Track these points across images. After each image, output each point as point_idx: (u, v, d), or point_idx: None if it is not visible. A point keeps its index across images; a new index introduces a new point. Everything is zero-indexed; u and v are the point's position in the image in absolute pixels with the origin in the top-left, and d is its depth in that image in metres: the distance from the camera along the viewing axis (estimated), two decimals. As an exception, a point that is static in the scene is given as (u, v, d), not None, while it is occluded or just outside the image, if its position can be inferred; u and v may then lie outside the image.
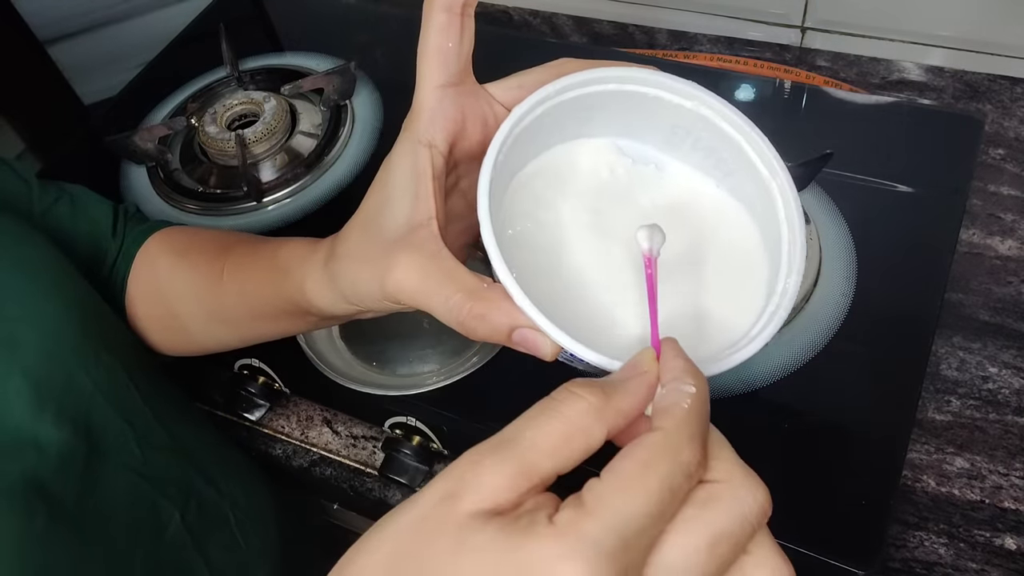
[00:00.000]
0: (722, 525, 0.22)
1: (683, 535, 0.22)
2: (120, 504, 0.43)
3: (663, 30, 0.86)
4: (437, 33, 0.32)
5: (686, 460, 0.23)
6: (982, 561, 0.49)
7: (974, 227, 0.64)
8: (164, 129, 0.76)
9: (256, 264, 0.46)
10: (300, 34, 0.87)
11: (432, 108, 0.32)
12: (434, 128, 0.31)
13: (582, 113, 0.31)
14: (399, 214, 0.32)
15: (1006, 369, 0.56)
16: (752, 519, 0.23)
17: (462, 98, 0.32)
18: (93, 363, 0.44)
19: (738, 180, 0.31)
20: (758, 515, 0.23)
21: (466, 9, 0.32)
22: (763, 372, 0.53)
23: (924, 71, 0.77)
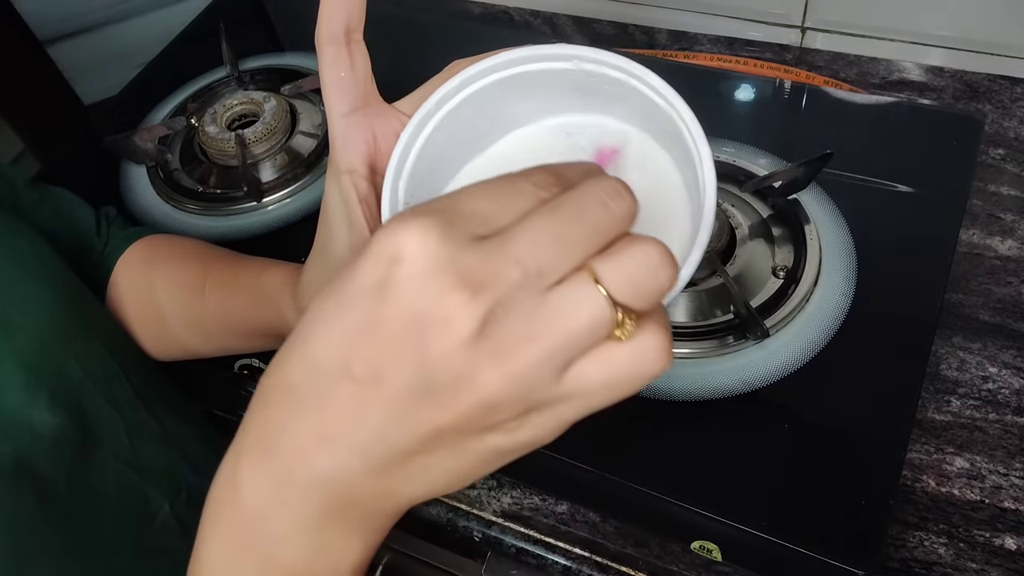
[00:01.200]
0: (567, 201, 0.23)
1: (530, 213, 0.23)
2: (109, 492, 0.44)
3: (663, 30, 0.86)
4: (329, 66, 0.33)
5: (537, 178, 0.24)
6: (982, 561, 0.49)
7: (974, 227, 0.64)
8: (164, 129, 0.76)
9: (238, 284, 0.48)
10: (300, 34, 0.87)
11: (342, 137, 0.33)
12: (349, 155, 0.33)
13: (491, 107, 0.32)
14: (340, 242, 0.34)
15: (1006, 369, 0.56)
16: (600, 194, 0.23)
17: (370, 120, 0.33)
18: (83, 351, 0.45)
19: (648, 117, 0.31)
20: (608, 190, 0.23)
21: (352, 36, 0.33)
22: (763, 372, 0.53)
23: (924, 71, 0.77)
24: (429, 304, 0.21)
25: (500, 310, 0.21)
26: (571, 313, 0.21)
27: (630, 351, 0.22)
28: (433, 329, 0.21)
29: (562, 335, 0.22)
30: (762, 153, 0.66)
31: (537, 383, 0.22)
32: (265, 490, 0.25)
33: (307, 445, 0.24)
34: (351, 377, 0.22)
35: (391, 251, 0.22)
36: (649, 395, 0.53)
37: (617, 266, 0.22)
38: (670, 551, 0.53)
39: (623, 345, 0.22)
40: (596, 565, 0.53)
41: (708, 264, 0.57)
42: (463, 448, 0.24)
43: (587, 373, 0.22)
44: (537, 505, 0.55)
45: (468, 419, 0.22)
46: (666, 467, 0.50)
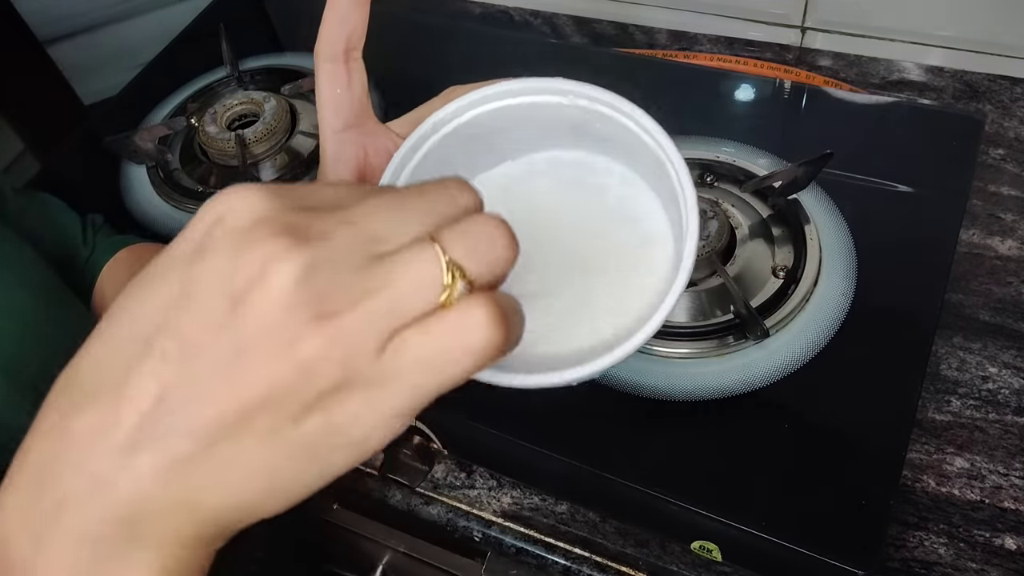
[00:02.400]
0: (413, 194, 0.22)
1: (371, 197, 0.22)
2: None
3: (663, 30, 0.86)
4: (326, 83, 0.32)
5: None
6: (982, 561, 0.49)
7: (974, 227, 0.64)
8: (164, 129, 0.76)
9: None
10: (300, 34, 0.87)
11: (334, 153, 0.32)
12: (339, 170, 0.32)
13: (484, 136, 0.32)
14: None
15: (1006, 369, 0.56)
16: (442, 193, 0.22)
17: (363, 138, 0.33)
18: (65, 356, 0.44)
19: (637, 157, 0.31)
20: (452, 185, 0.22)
21: (351, 55, 0.33)
22: (763, 372, 0.53)
23: (924, 71, 0.77)
24: (245, 256, 0.19)
25: (325, 263, 0.19)
26: (401, 268, 0.20)
27: (453, 317, 0.20)
28: (247, 283, 0.19)
29: (388, 291, 0.20)
30: (762, 153, 0.66)
31: (359, 347, 0.19)
32: (33, 527, 0.20)
33: (85, 453, 0.20)
34: (151, 354, 0.20)
35: (214, 213, 0.20)
36: (649, 395, 0.53)
37: (455, 232, 0.21)
38: (670, 551, 0.53)
39: (447, 311, 0.20)
40: (596, 565, 0.53)
41: (708, 264, 0.57)
42: (276, 436, 0.20)
43: (408, 344, 0.20)
44: (537, 505, 0.55)
45: (281, 388, 0.19)
46: (666, 467, 0.50)
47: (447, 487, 0.58)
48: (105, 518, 0.20)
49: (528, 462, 0.53)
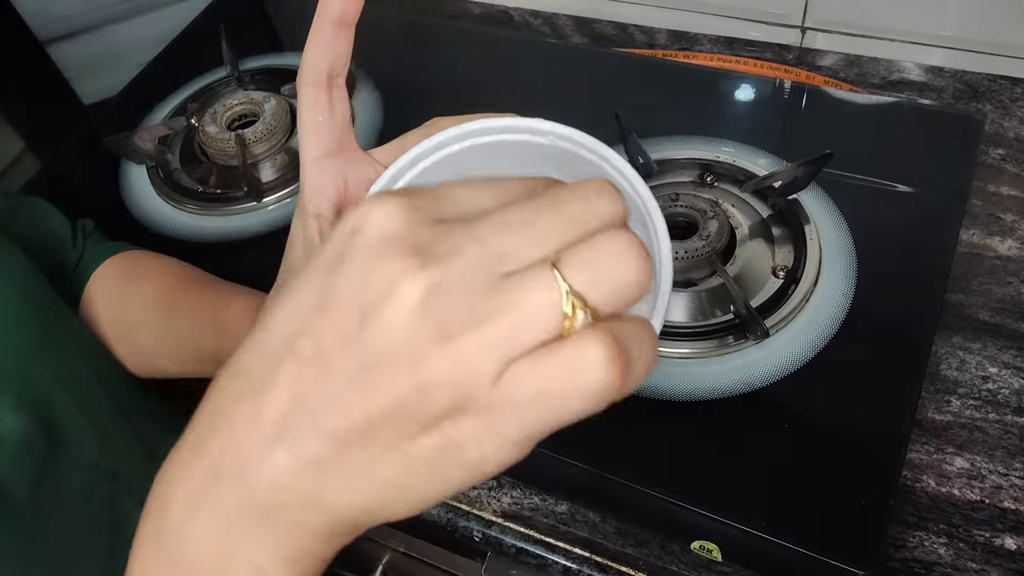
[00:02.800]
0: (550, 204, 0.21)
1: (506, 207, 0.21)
2: (76, 498, 0.43)
3: (663, 30, 0.86)
4: (308, 109, 0.32)
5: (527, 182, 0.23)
6: (982, 561, 0.49)
7: (974, 227, 0.64)
8: (164, 129, 0.76)
9: (205, 311, 0.49)
10: (300, 34, 0.87)
11: (313, 180, 0.33)
12: (318, 199, 0.33)
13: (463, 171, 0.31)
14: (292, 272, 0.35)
15: (1006, 369, 0.56)
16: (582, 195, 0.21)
17: (343, 166, 0.33)
18: (54, 358, 0.45)
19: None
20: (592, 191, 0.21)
21: (334, 81, 0.32)
22: (763, 372, 0.53)
23: (924, 71, 0.77)
24: (376, 272, 0.20)
25: (449, 284, 0.20)
26: (520, 297, 0.20)
27: (568, 352, 0.20)
28: (377, 298, 0.20)
29: (506, 319, 0.20)
30: (762, 153, 0.66)
31: (477, 371, 0.20)
32: (188, 487, 0.23)
33: (238, 436, 0.22)
34: (294, 355, 0.21)
35: (353, 224, 0.21)
36: (649, 395, 0.53)
37: (582, 255, 0.20)
38: (670, 551, 0.53)
39: (562, 344, 0.20)
40: (596, 565, 0.53)
41: (708, 264, 0.57)
42: (396, 450, 0.21)
43: (522, 374, 0.20)
44: (537, 505, 0.55)
45: (400, 406, 0.20)
46: (666, 467, 0.50)
47: (447, 487, 0.58)
48: (244, 498, 0.22)
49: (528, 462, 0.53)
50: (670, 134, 0.68)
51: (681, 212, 0.60)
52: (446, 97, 0.79)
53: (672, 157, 0.66)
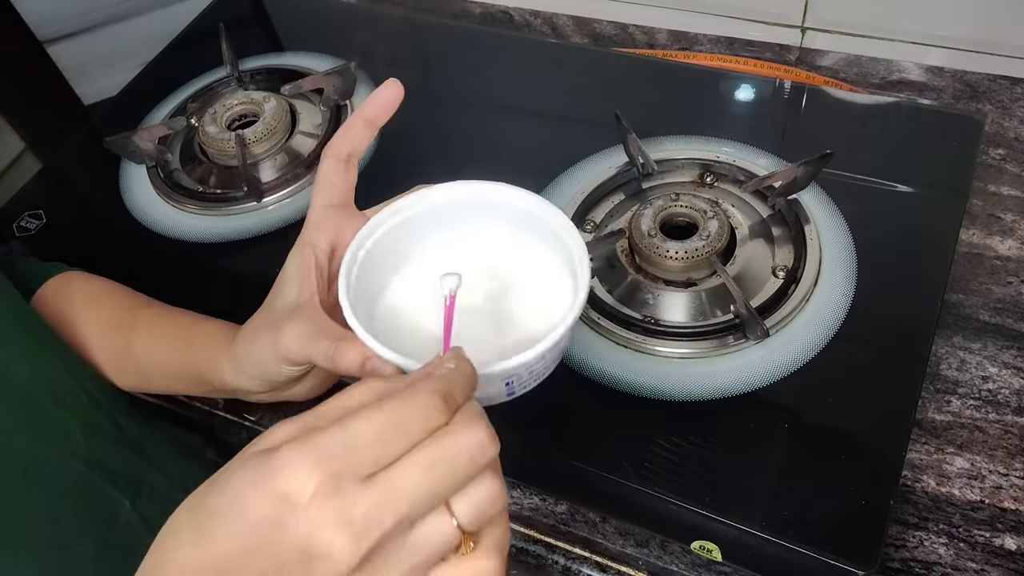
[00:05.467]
0: (439, 452, 0.28)
1: (406, 458, 0.27)
2: (67, 488, 0.45)
3: (663, 30, 0.86)
4: (328, 171, 0.42)
5: (421, 405, 0.28)
6: (982, 561, 0.49)
7: (974, 227, 0.64)
8: (164, 129, 0.76)
9: (169, 332, 0.52)
10: (300, 34, 0.87)
11: (317, 220, 0.42)
12: (317, 234, 0.41)
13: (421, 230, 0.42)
14: (289, 296, 0.42)
15: (1006, 369, 0.56)
16: (469, 450, 0.28)
17: (342, 217, 0.42)
18: (32, 354, 0.46)
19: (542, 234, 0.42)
20: (475, 447, 0.28)
21: (351, 159, 0.42)
22: (763, 372, 0.53)
23: (924, 71, 0.77)
24: (318, 542, 0.26)
25: (376, 550, 0.26)
26: (429, 539, 0.28)
27: (471, 565, 0.29)
28: (319, 562, 0.26)
29: (420, 558, 0.28)
30: (762, 153, 0.66)
31: None
32: None
33: None
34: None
35: (288, 489, 0.26)
36: (649, 395, 0.53)
37: (470, 502, 0.28)
38: (670, 551, 0.53)
39: (467, 561, 0.29)
40: (596, 565, 0.53)
41: (708, 264, 0.57)
42: None
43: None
44: (537, 505, 0.55)
45: None
46: (666, 467, 0.50)
47: (447, 487, 0.58)
48: None
49: (528, 462, 0.53)
50: (670, 134, 0.68)
51: (681, 212, 0.60)
52: (446, 97, 0.79)
53: (672, 157, 0.66)
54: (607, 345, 0.56)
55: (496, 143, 0.73)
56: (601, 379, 0.54)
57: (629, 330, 0.56)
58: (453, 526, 0.28)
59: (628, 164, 0.65)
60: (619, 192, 0.65)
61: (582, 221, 0.63)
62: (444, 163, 0.73)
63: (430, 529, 0.28)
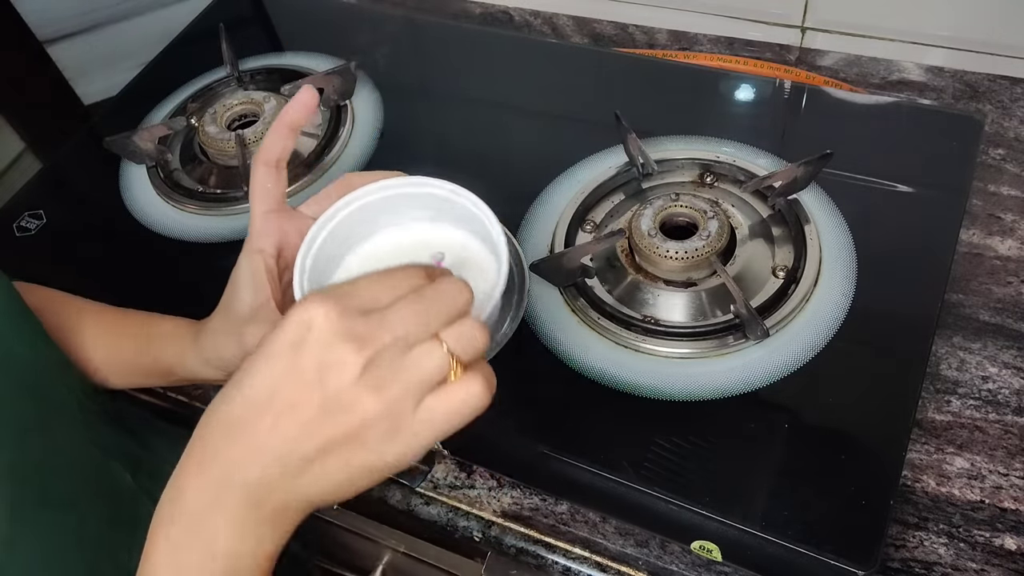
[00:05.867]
0: (425, 295, 0.34)
1: (399, 300, 0.33)
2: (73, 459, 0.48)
3: (663, 30, 0.86)
4: (261, 179, 0.45)
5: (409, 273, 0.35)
6: (982, 561, 0.49)
7: (974, 227, 0.64)
8: (164, 129, 0.76)
9: (128, 332, 0.55)
10: (300, 34, 0.87)
11: (260, 227, 0.44)
12: (263, 240, 0.44)
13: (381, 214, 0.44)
14: (244, 300, 0.45)
15: (1006, 369, 0.56)
16: (449, 293, 0.34)
17: (282, 220, 0.45)
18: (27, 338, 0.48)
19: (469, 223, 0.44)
20: (455, 291, 0.34)
21: (280, 164, 0.45)
22: (763, 372, 0.53)
23: (924, 71, 0.77)
24: (330, 355, 0.32)
25: (377, 359, 0.32)
26: (423, 364, 0.33)
27: (460, 388, 0.33)
28: (332, 371, 0.32)
29: (417, 375, 0.33)
30: (762, 153, 0.66)
31: (402, 409, 0.32)
32: (207, 495, 0.33)
33: (241, 459, 0.33)
34: (273, 409, 0.32)
35: (306, 319, 0.32)
36: (649, 395, 0.53)
37: (455, 334, 0.33)
38: (670, 551, 0.53)
39: (456, 384, 0.33)
40: (596, 565, 0.53)
41: (708, 264, 0.57)
42: (347, 459, 0.33)
43: (434, 404, 0.33)
44: (537, 505, 0.55)
45: (352, 433, 0.32)
46: (666, 467, 0.50)
47: (447, 487, 0.58)
48: (246, 497, 0.33)
49: (528, 462, 0.53)
50: (670, 134, 0.68)
51: (681, 212, 0.60)
52: (446, 97, 0.79)
53: (672, 157, 0.66)
54: (607, 345, 0.56)
55: (496, 143, 0.73)
56: (601, 379, 0.54)
57: (629, 330, 0.56)
58: (443, 350, 0.33)
59: (628, 164, 0.65)
60: (619, 192, 0.65)
61: (582, 221, 0.63)
62: (444, 163, 0.73)
63: (424, 350, 0.33)
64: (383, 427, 0.33)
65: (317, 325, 0.32)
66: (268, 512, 0.34)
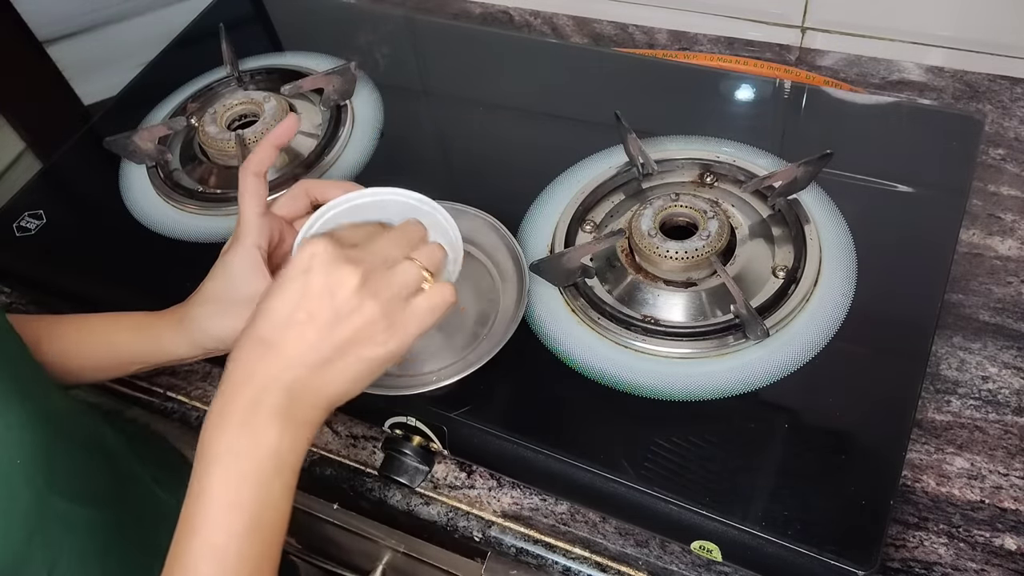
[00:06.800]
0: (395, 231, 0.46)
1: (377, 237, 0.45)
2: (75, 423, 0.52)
3: (663, 30, 0.86)
4: (253, 185, 0.51)
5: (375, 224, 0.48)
6: (982, 561, 0.49)
7: (974, 227, 0.64)
8: (164, 129, 0.76)
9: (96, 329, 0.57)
10: (300, 34, 0.87)
11: (259, 227, 0.50)
12: (260, 238, 0.50)
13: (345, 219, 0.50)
14: (243, 289, 0.50)
15: (1006, 369, 0.56)
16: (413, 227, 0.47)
17: (271, 221, 0.51)
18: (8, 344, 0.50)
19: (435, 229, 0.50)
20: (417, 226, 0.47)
21: (265, 175, 0.51)
22: (763, 372, 0.53)
23: (924, 71, 0.77)
24: (334, 274, 0.42)
25: (370, 274, 0.42)
26: (404, 274, 0.44)
27: (435, 291, 0.44)
28: (337, 286, 0.41)
29: (402, 282, 0.43)
30: (762, 153, 0.66)
31: (394, 308, 0.43)
32: (250, 401, 0.41)
33: (275, 368, 0.41)
34: (296, 321, 0.41)
35: (310, 251, 0.42)
36: (649, 395, 0.53)
37: (422, 254, 0.45)
38: (670, 551, 0.53)
39: (431, 288, 0.44)
40: (596, 565, 0.53)
41: (708, 264, 0.57)
42: (358, 354, 0.42)
43: (418, 302, 0.44)
44: (537, 505, 0.55)
45: (361, 331, 0.42)
46: (666, 467, 0.50)
47: (447, 487, 0.58)
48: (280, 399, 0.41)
49: (528, 462, 0.53)
50: (670, 134, 0.68)
51: (681, 212, 0.60)
52: (446, 97, 0.79)
53: (672, 157, 0.66)
54: (607, 345, 0.56)
55: (496, 143, 0.73)
56: (601, 379, 0.54)
57: (629, 330, 0.56)
58: (417, 265, 0.44)
59: (628, 164, 0.65)
60: (619, 192, 0.65)
61: (582, 221, 0.63)
62: (444, 163, 0.73)
63: (403, 267, 0.44)
64: (383, 324, 0.42)
65: (319, 253, 0.42)
66: (299, 410, 0.41)
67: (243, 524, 0.39)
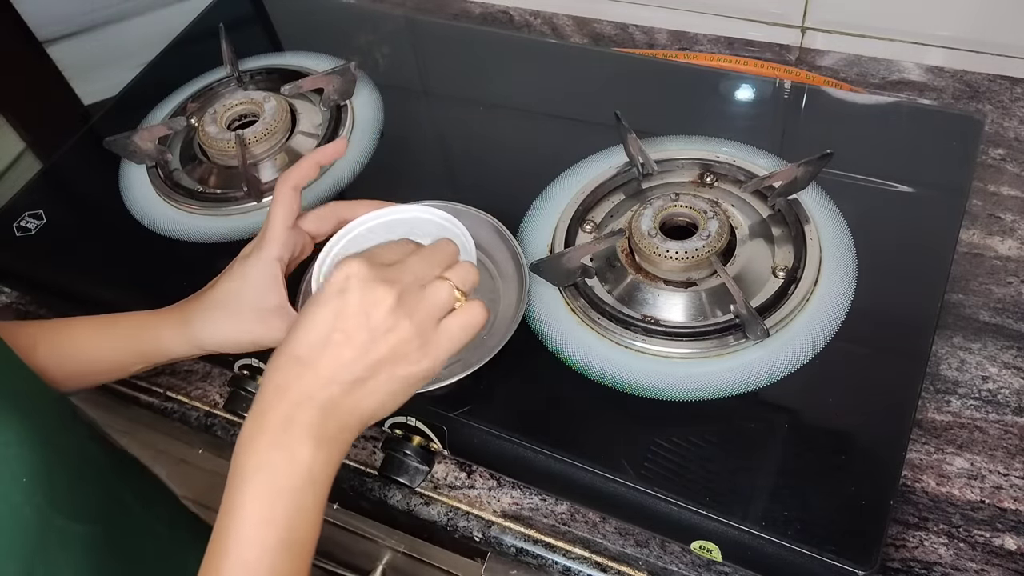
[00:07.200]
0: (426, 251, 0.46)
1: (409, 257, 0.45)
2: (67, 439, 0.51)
3: (663, 30, 0.86)
4: (288, 197, 0.52)
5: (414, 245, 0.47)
6: (982, 561, 0.49)
7: (974, 227, 0.64)
8: (164, 129, 0.76)
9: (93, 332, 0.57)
10: (300, 34, 0.87)
11: (284, 239, 0.51)
12: (284, 251, 0.52)
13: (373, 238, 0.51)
14: (255, 300, 0.51)
15: (1006, 369, 0.56)
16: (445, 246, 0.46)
17: (297, 235, 0.52)
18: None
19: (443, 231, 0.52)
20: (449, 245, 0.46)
21: (300, 189, 0.53)
22: (763, 372, 0.53)
23: (924, 71, 0.77)
24: (370, 295, 0.42)
25: (404, 294, 0.42)
26: (437, 294, 0.44)
27: (467, 311, 0.45)
28: (372, 306, 0.42)
29: (434, 303, 0.44)
30: (762, 153, 0.66)
31: (428, 328, 0.43)
32: (285, 417, 0.41)
33: (310, 386, 0.41)
34: (332, 341, 0.41)
35: (345, 272, 0.42)
36: (649, 395, 0.53)
37: (454, 273, 0.45)
38: (670, 551, 0.53)
39: (463, 308, 0.45)
40: (596, 565, 0.53)
41: (708, 264, 0.57)
42: (392, 372, 0.42)
43: (450, 323, 0.44)
44: (537, 505, 0.55)
45: (395, 350, 0.42)
46: (666, 467, 0.50)
47: (447, 487, 0.58)
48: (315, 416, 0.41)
49: (528, 462, 0.53)
50: (670, 134, 0.68)
51: (681, 212, 0.60)
52: (446, 97, 0.79)
53: (672, 157, 0.66)
54: (607, 345, 0.56)
55: (496, 143, 0.73)
56: (601, 379, 0.54)
57: (629, 330, 0.56)
58: (450, 284, 0.44)
59: (628, 164, 0.65)
60: (619, 192, 0.65)
61: (582, 221, 0.63)
62: (444, 163, 0.73)
63: (435, 286, 0.44)
64: (416, 343, 0.42)
65: (355, 274, 0.42)
66: (333, 428, 0.42)
67: (276, 539, 0.40)
